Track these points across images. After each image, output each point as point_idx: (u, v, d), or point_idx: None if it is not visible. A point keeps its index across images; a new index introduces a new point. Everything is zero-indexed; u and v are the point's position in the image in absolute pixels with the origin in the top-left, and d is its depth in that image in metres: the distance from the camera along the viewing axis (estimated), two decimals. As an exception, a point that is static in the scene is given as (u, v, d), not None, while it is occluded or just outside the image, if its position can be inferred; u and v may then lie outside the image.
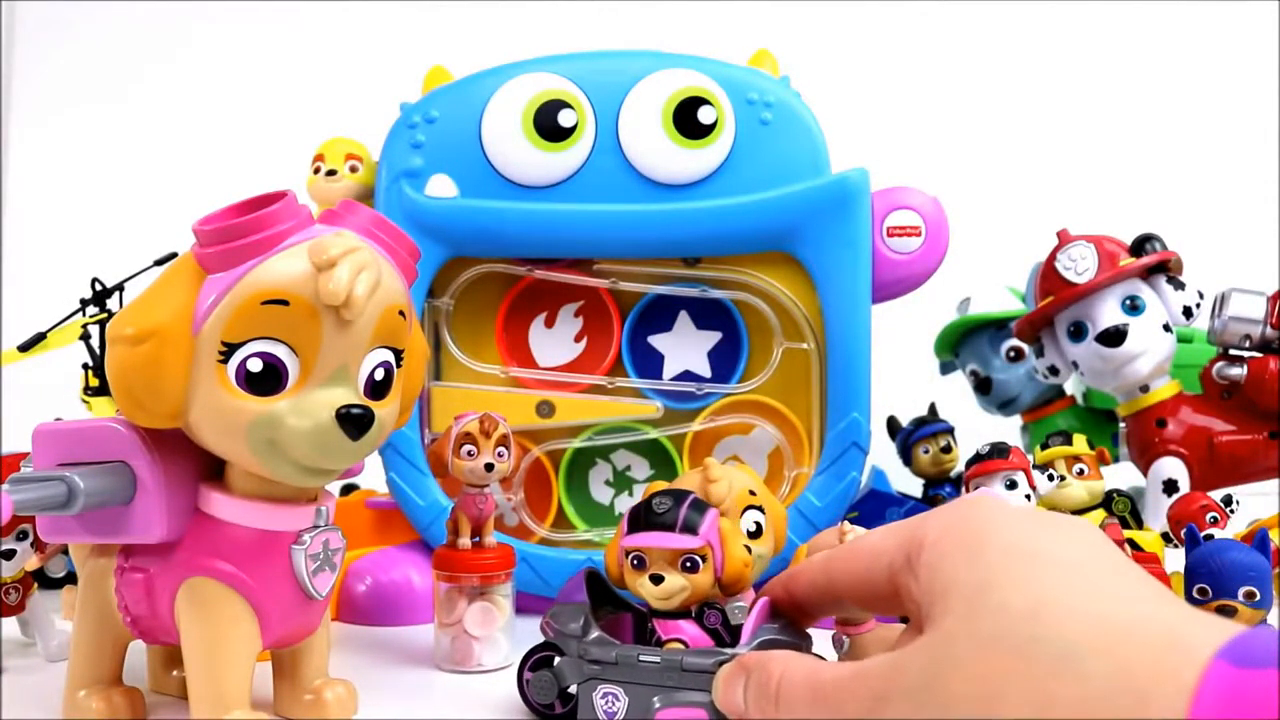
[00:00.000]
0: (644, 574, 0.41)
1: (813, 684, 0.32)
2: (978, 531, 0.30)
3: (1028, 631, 0.26)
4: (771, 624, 0.40)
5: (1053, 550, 0.29)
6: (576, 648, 0.42)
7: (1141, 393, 0.83)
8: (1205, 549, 0.58)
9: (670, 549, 0.41)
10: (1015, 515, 0.31)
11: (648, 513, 0.42)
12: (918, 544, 0.32)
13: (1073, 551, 0.29)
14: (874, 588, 0.34)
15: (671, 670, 0.40)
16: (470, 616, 0.57)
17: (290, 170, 0.77)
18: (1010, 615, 0.27)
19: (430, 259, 0.67)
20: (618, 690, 0.41)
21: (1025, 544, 0.29)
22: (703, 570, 0.41)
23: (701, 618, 0.43)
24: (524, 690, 0.47)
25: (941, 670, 0.28)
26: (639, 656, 0.40)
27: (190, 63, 1.54)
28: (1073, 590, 0.27)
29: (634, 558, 0.41)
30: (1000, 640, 0.27)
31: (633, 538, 0.41)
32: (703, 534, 0.42)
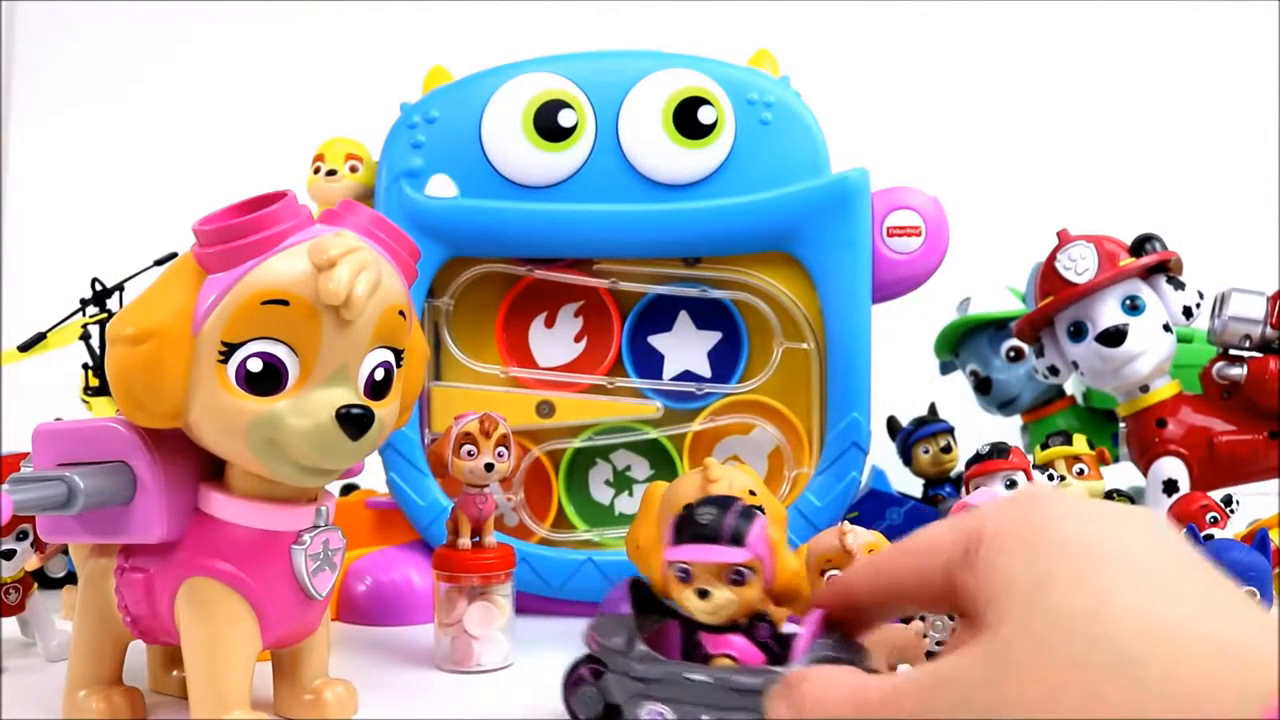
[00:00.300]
0: (689, 587, 0.39)
1: (858, 701, 0.30)
2: (1038, 525, 0.29)
3: (1086, 632, 0.26)
4: (826, 638, 0.36)
5: (1115, 545, 0.28)
6: (621, 664, 0.40)
7: (1141, 393, 0.83)
8: (1205, 549, 0.58)
9: (716, 563, 0.38)
10: (1078, 508, 0.30)
11: (691, 523, 0.39)
12: (976, 538, 0.30)
13: (1136, 546, 0.28)
14: (931, 585, 0.32)
15: (721, 690, 0.37)
16: (470, 616, 0.57)
17: (290, 170, 0.77)
18: (1069, 616, 0.26)
19: (430, 259, 0.67)
20: (665, 709, 0.39)
21: (1087, 539, 0.28)
22: (751, 583, 0.39)
23: (751, 631, 0.40)
24: (568, 703, 0.45)
25: (997, 678, 0.27)
26: (686, 675, 0.38)
27: (190, 62, 1.54)
28: (1133, 588, 0.27)
29: (679, 570, 0.39)
30: (1057, 643, 0.26)
31: (677, 550, 0.39)
32: (750, 544, 0.39)
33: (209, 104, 1.52)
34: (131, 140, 1.51)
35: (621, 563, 0.66)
